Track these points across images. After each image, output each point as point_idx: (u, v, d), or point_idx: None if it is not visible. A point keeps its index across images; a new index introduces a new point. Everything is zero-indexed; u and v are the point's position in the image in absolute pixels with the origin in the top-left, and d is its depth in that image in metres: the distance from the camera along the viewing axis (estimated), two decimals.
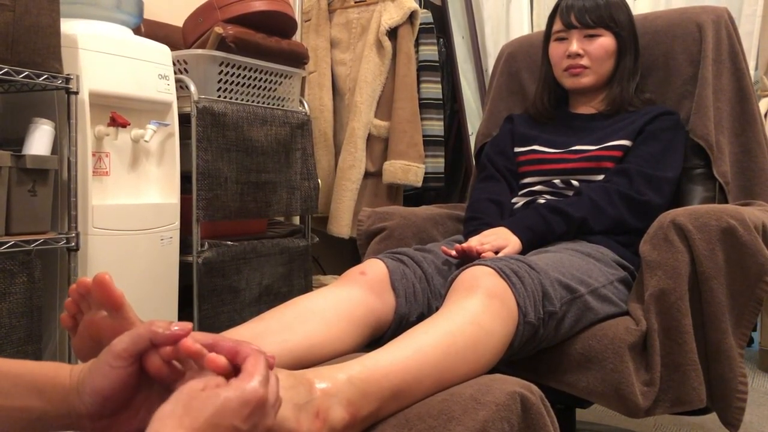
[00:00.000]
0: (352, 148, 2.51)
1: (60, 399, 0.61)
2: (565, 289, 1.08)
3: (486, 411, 0.77)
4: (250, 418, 0.58)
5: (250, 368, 0.61)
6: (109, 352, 0.63)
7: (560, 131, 1.56)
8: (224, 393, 0.57)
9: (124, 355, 0.62)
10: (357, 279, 1.11)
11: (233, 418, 0.57)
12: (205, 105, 1.87)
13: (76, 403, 0.61)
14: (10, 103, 1.69)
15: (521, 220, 1.34)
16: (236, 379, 0.60)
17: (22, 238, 1.42)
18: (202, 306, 1.88)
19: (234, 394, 0.57)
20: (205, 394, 0.57)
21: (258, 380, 0.59)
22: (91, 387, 0.61)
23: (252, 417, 0.58)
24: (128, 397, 0.64)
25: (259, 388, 0.59)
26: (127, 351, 0.62)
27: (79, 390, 0.61)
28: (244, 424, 0.57)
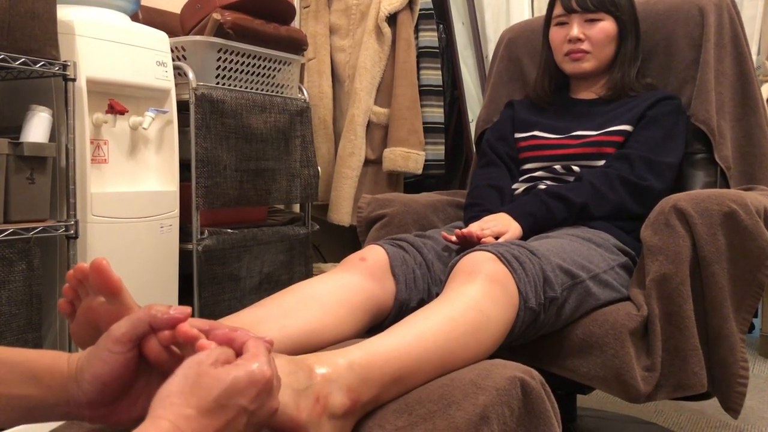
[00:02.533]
0: (352, 136, 2.50)
1: (58, 387, 0.60)
2: (566, 275, 1.08)
3: (486, 396, 0.76)
4: (257, 398, 0.58)
5: (253, 350, 0.61)
6: (108, 338, 0.62)
7: (561, 116, 1.55)
8: (233, 372, 0.57)
9: (123, 340, 0.62)
10: (357, 265, 1.11)
11: (241, 398, 0.56)
12: (204, 92, 1.86)
13: (75, 391, 0.60)
14: (7, 90, 1.68)
15: (522, 206, 1.33)
16: (243, 359, 0.59)
17: (21, 226, 1.42)
18: (203, 294, 1.88)
19: (242, 374, 0.57)
20: (214, 372, 0.56)
21: (264, 360, 0.59)
22: (90, 373, 0.61)
23: (259, 397, 0.58)
24: (128, 384, 0.63)
25: (267, 369, 0.59)
26: (126, 336, 0.62)
27: (78, 378, 0.61)
28: (252, 404, 0.57)
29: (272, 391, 0.59)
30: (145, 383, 0.65)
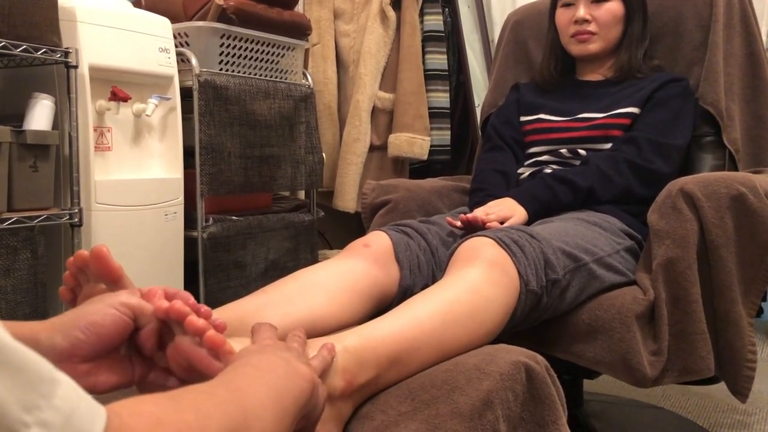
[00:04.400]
0: (357, 122, 2.49)
1: (29, 341, 0.56)
2: (568, 258, 1.07)
3: (490, 381, 0.75)
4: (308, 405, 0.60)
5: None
6: (115, 298, 0.62)
7: (567, 99, 1.53)
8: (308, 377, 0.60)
9: (130, 306, 0.61)
10: (360, 251, 1.10)
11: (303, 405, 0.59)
12: (207, 78, 1.85)
13: (57, 340, 0.58)
14: (9, 78, 1.67)
15: (527, 190, 1.32)
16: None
17: (25, 214, 1.42)
18: (208, 281, 1.88)
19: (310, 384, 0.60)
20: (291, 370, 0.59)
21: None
22: (86, 321, 0.60)
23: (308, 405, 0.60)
24: (115, 348, 0.63)
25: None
26: (134, 308, 0.62)
27: (66, 326, 0.59)
28: (305, 407, 0.59)
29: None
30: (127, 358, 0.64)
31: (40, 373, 0.33)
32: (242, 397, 0.49)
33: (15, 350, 0.32)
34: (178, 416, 0.41)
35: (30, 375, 0.32)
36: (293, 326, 0.93)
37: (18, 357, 0.32)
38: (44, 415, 0.31)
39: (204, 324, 0.64)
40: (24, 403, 0.31)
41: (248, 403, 0.49)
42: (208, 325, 0.64)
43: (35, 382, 0.32)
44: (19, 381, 0.31)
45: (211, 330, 0.64)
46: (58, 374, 0.34)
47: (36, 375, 0.32)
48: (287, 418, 0.54)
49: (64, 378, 0.34)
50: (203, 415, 0.43)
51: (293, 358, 0.61)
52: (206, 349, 0.64)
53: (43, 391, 0.32)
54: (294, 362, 0.60)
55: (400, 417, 0.72)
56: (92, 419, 0.34)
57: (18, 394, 0.31)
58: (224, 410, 0.45)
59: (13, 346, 0.31)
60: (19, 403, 0.30)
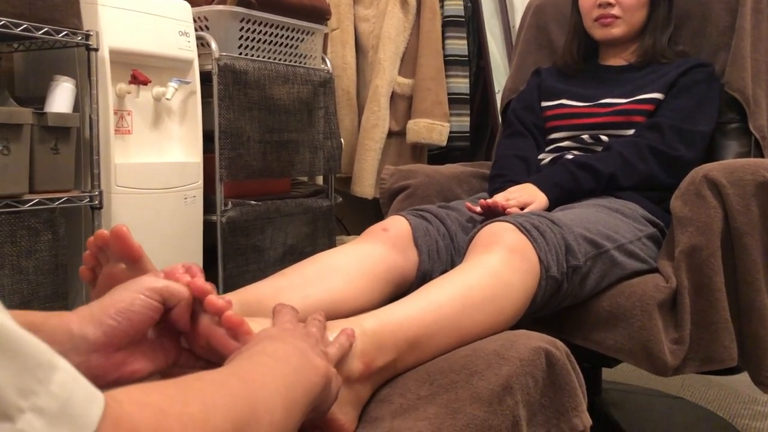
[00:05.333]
0: (376, 107, 2.48)
1: (61, 333, 0.57)
2: (589, 244, 1.05)
3: (510, 366, 0.75)
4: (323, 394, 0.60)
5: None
6: (140, 283, 0.61)
7: (589, 84, 1.51)
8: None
9: (156, 290, 0.61)
10: (379, 236, 1.09)
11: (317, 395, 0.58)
12: (227, 62, 1.85)
13: (89, 330, 0.58)
14: (31, 61, 1.68)
15: (548, 176, 1.31)
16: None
17: (46, 196, 1.43)
18: (227, 265, 1.88)
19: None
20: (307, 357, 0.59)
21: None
22: (116, 309, 0.59)
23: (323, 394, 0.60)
24: (146, 331, 0.62)
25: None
26: (159, 291, 0.61)
27: (94, 318, 0.59)
28: (316, 401, 0.58)
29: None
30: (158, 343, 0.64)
31: (38, 357, 0.32)
32: (253, 388, 0.48)
33: (13, 334, 0.31)
34: (182, 407, 0.40)
35: (27, 360, 0.31)
36: (312, 309, 0.92)
37: (16, 341, 0.31)
38: (40, 401, 0.31)
39: (223, 303, 0.64)
40: (20, 388, 0.30)
41: (258, 396, 0.48)
42: (228, 304, 0.64)
43: (32, 366, 0.31)
44: (16, 365, 0.30)
45: (230, 310, 0.64)
46: (56, 359, 0.33)
47: (34, 360, 0.32)
48: (297, 411, 0.53)
49: (63, 363, 0.33)
50: (209, 407, 0.42)
51: (309, 349, 0.61)
52: (225, 329, 0.64)
53: (39, 376, 0.31)
54: (310, 354, 0.60)
55: (419, 401, 0.72)
56: (89, 406, 0.33)
57: (14, 378, 0.30)
58: (232, 402, 0.45)
59: (12, 329, 0.31)
60: (14, 387, 0.30)
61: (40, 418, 0.30)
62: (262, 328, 0.67)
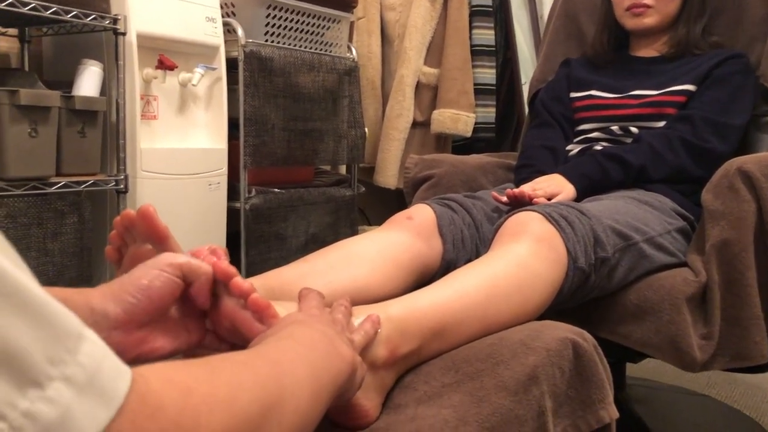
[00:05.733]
0: (400, 97, 2.46)
1: (82, 310, 0.57)
2: (618, 236, 1.04)
3: (536, 356, 0.74)
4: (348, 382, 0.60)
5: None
6: (160, 260, 0.61)
7: (619, 75, 1.49)
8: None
9: (175, 265, 0.61)
10: (403, 224, 1.09)
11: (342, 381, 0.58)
12: (253, 49, 1.84)
13: (110, 307, 0.57)
14: (60, 45, 1.69)
15: (576, 166, 1.28)
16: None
17: (72, 179, 1.44)
18: (250, 252, 1.89)
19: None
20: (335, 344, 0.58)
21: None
22: (135, 286, 0.59)
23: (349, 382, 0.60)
24: (167, 308, 0.62)
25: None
26: (180, 267, 0.61)
27: (114, 295, 0.58)
28: (341, 388, 0.58)
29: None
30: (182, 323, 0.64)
31: (67, 327, 0.31)
32: (280, 372, 0.48)
33: (43, 302, 0.31)
34: (208, 387, 0.39)
35: (57, 328, 0.31)
36: (335, 295, 0.92)
37: (46, 309, 0.31)
38: (69, 370, 0.30)
39: (249, 286, 0.63)
40: (49, 356, 0.30)
41: (286, 380, 0.47)
42: (254, 287, 0.64)
43: (61, 335, 0.31)
44: (45, 333, 0.30)
45: (256, 293, 0.63)
46: (85, 330, 0.32)
47: (63, 329, 0.31)
48: (323, 398, 0.53)
49: (91, 334, 0.33)
50: (236, 388, 0.42)
51: (336, 336, 0.60)
52: (250, 312, 0.63)
53: (69, 345, 0.31)
54: (336, 341, 0.59)
55: (444, 388, 0.71)
56: (117, 379, 0.33)
57: (44, 345, 0.30)
58: (260, 385, 0.44)
59: (41, 297, 0.31)
60: (44, 354, 0.30)
61: (69, 388, 0.30)
62: (288, 313, 0.66)
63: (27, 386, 0.29)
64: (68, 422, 0.29)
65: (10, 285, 0.29)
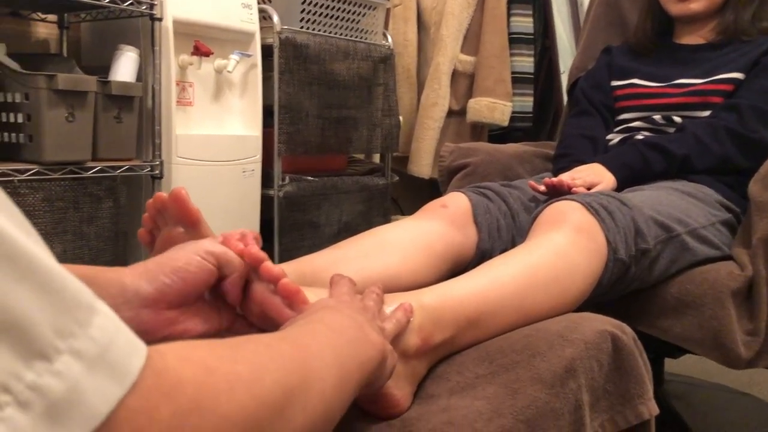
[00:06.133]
0: (436, 85, 2.43)
1: (114, 287, 0.56)
2: (660, 228, 1.00)
3: (573, 348, 0.71)
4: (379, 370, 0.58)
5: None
6: (199, 246, 0.60)
7: (663, 63, 1.44)
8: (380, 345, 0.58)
9: (215, 255, 0.60)
10: (438, 212, 1.07)
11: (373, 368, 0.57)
12: (288, 36, 1.83)
13: (143, 286, 0.57)
14: (98, 31, 1.71)
15: (617, 156, 1.25)
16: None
17: (108, 164, 1.45)
18: (283, 240, 1.88)
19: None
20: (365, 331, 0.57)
21: None
22: (171, 267, 0.58)
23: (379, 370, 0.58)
24: (201, 293, 0.61)
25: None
26: (217, 257, 0.60)
27: (149, 274, 0.58)
28: (370, 376, 0.56)
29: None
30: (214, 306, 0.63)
31: (77, 298, 0.30)
32: (305, 355, 0.46)
33: (52, 271, 0.29)
34: (230, 366, 0.38)
35: (66, 299, 0.29)
36: (367, 283, 0.90)
37: (55, 278, 0.29)
38: (78, 344, 0.29)
39: (279, 271, 0.62)
40: (57, 328, 0.28)
41: (311, 364, 0.46)
42: (284, 272, 0.62)
43: (71, 307, 0.29)
44: (54, 304, 0.28)
45: (286, 278, 0.62)
46: (97, 303, 0.31)
47: (73, 300, 0.29)
48: (350, 385, 0.51)
49: (104, 308, 0.31)
50: (258, 368, 0.40)
51: (366, 323, 0.59)
52: (280, 297, 0.62)
53: (79, 318, 0.29)
54: (366, 328, 0.58)
55: (477, 379, 0.69)
56: (130, 355, 0.31)
57: (51, 316, 0.28)
58: (283, 365, 0.43)
59: (51, 266, 0.29)
60: (52, 326, 0.28)
61: (78, 362, 0.28)
62: (319, 298, 0.65)
63: (33, 358, 0.27)
64: (77, 398, 0.28)
65: (14, 250, 0.27)
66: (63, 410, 0.27)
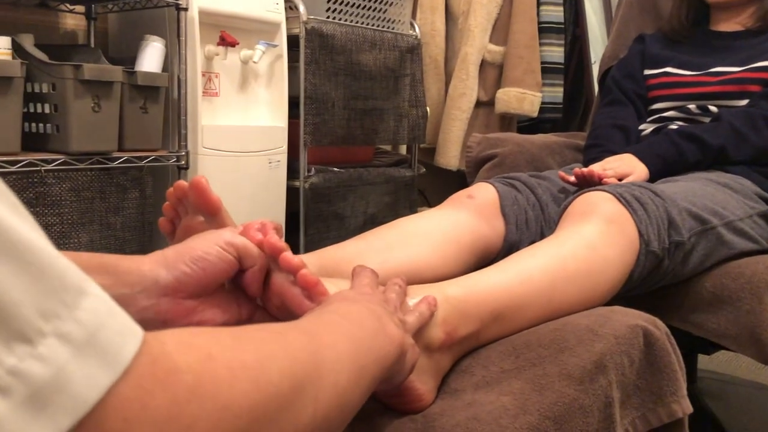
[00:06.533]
0: (464, 75, 2.40)
1: (133, 275, 0.55)
2: (694, 219, 0.97)
3: (603, 343, 0.69)
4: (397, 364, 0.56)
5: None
6: (219, 236, 0.59)
7: (698, 51, 1.40)
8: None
9: (235, 246, 0.59)
10: (464, 203, 1.04)
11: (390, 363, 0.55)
12: (314, 26, 1.82)
13: (162, 274, 0.56)
14: (124, 21, 1.71)
15: (650, 146, 1.21)
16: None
17: (135, 155, 1.45)
18: (308, 231, 1.88)
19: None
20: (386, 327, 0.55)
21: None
22: (191, 256, 0.57)
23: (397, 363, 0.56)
24: (220, 284, 0.60)
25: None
26: (242, 250, 0.59)
27: (168, 262, 0.57)
28: (388, 371, 0.54)
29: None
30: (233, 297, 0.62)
31: (65, 280, 0.28)
32: (318, 344, 0.44)
33: (38, 250, 0.27)
34: (233, 354, 0.36)
35: (52, 279, 0.27)
36: (391, 275, 0.88)
37: (40, 257, 0.27)
38: (65, 327, 0.27)
39: (299, 262, 0.61)
40: (42, 309, 0.26)
41: (324, 354, 0.44)
42: (303, 263, 0.61)
43: (57, 288, 0.27)
44: (37, 282, 0.27)
45: (305, 269, 0.61)
46: (88, 284, 0.29)
47: (60, 281, 0.27)
48: (366, 378, 0.49)
49: (95, 289, 0.29)
50: (265, 356, 0.38)
51: (386, 316, 0.57)
52: (300, 289, 0.61)
53: (66, 299, 0.27)
54: (385, 320, 0.55)
55: (503, 374, 0.67)
56: (124, 340, 0.29)
57: (35, 297, 0.26)
58: (292, 354, 0.40)
59: (37, 245, 0.27)
60: (35, 307, 0.26)
61: (64, 345, 0.27)
62: (339, 290, 0.63)
63: (13, 340, 0.25)
64: (64, 384, 0.26)
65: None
66: (47, 397, 0.26)
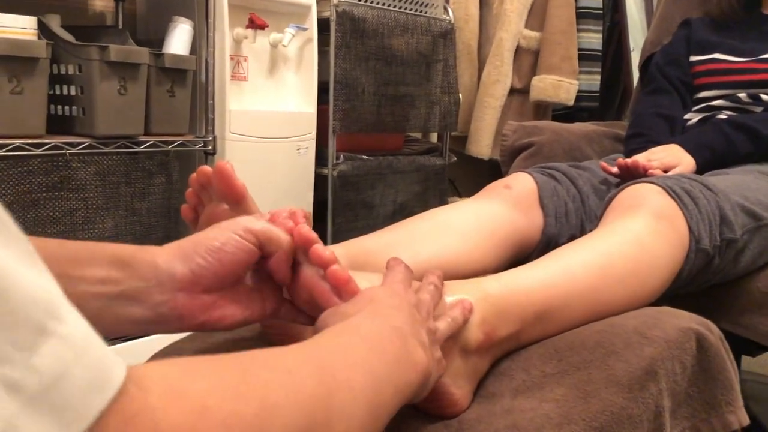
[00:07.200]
0: (498, 62, 2.33)
1: (146, 269, 0.52)
2: (748, 216, 0.91)
3: (653, 348, 0.64)
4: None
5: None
6: (237, 224, 0.55)
7: (749, 37, 1.32)
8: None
9: (254, 233, 0.55)
10: (501, 193, 0.99)
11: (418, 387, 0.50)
12: (345, 9, 1.77)
13: (177, 267, 0.52)
14: (153, 2, 1.68)
15: (697, 136, 1.15)
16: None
17: (161, 139, 1.42)
18: (336, 220, 1.84)
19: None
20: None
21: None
22: (206, 247, 0.53)
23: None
24: (240, 275, 0.56)
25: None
26: (257, 234, 0.55)
27: (183, 254, 0.53)
28: (408, 399, 0.49)
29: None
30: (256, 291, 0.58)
31: (26, 313, 0.23)
32: (331, 387, 0.39)
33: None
34: (233, 406, 0.31)
35: (7, 315, 0.23)
36: (422, 268, 0.84)
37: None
38: (14, 374, 0.22)
39: (330, 256, 0.56)
40: None
41: (338, 398, 0.39)
42: (335, 257, 0.57)
43: (10, 325, 0.23)
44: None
45: (336, 264, 0.56)
46: (55, 323, 0.24)
47: (14, 317, 0.23)
48: (382, 414, 0.44)
49: (65, 328, 0.25)
50: (268, 408, 0.33)
51: (412, 336, 0.51)
52: (329, 285, 0.57)
53: (20, 340, 0.23)
54: (411, 343, 0.50)
55: (545, 379, 0.63)
56: (90, 393, 0.24)
57: None
58: (299, 404, 0.35)
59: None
60: None
61: (11, 396, 0.22)
62: (370, 285, 0.59)
63: None
64: None
65: None
66: None
